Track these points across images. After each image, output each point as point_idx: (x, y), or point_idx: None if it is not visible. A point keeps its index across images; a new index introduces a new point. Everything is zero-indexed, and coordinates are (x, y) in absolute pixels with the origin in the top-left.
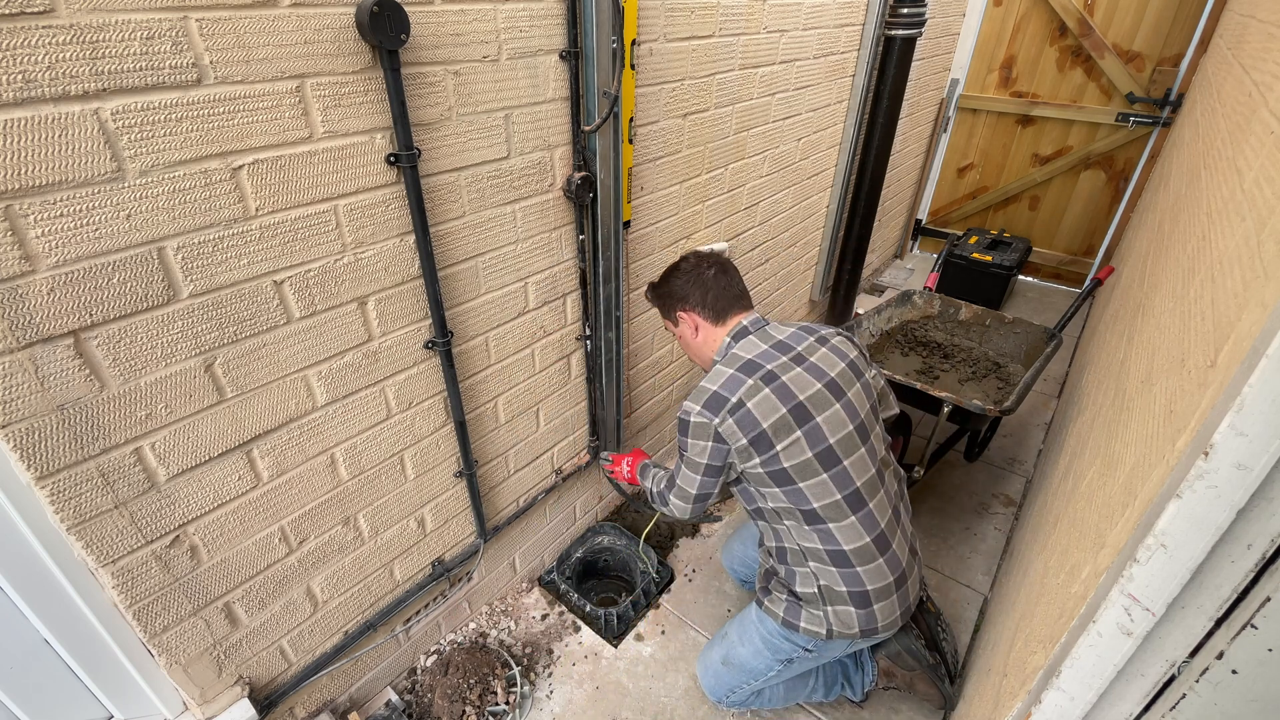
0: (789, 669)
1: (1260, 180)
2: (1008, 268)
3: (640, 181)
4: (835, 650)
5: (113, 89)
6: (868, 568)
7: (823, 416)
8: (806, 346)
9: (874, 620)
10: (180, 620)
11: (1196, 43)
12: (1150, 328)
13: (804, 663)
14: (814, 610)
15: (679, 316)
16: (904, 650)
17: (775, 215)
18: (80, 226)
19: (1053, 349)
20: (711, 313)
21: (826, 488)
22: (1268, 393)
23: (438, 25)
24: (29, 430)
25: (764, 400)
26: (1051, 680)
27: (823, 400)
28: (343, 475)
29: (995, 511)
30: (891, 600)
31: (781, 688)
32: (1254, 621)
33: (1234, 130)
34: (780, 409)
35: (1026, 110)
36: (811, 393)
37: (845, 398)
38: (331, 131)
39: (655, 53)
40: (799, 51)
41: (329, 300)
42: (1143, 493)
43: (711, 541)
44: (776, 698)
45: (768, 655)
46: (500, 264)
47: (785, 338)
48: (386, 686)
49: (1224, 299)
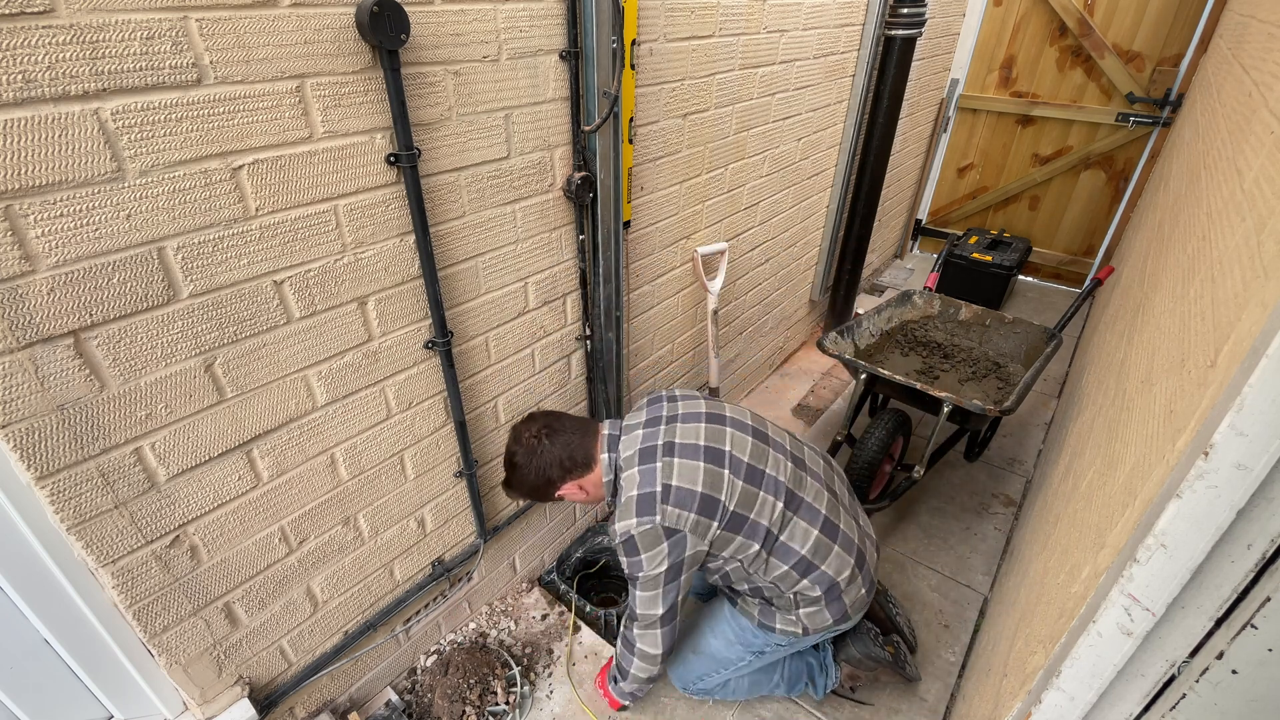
0: (760, 659)
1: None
2: (1008, 268)
3: (640, 181)
4: (810, 640)
5: (113, 89)
6: (829, 559)
7: (728, 445)
8: (667, 409)
9: (844, 609)
10: (180, 620)
11: (1196, 43)
12: (1150, 328)
13: (776, 653)
14: (788, 614)
15: (560, 495)
16: (864, 656)
17: (775, 215)
18: (80, 226)
19: (1053, 349)
20: (579, 465)
21: (768, 503)
22: (1268, 393)
23: (438, 25)
24: (29, 430)
25: (681, 468)
26: (1051, 680)
27: (716, 433)
28: (343, 475)
29: (995, 511)
30: (857, 582)
31: (746, 680)
32: (1254, 621)
33: (1234, 130)
34: (698, 464)
35: (1026, 110)
36: (706, 432)
37: (728, 418)
38: (331, 131)
39: (655, 53)
40: (799, 51)
41: (329, 300)
42: (1143, 493)
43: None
44: (741, 689)
45: (740, 648)
46: (500, 264)
47: (647, 418)
48: (386, 686)
49: (1224, 299)
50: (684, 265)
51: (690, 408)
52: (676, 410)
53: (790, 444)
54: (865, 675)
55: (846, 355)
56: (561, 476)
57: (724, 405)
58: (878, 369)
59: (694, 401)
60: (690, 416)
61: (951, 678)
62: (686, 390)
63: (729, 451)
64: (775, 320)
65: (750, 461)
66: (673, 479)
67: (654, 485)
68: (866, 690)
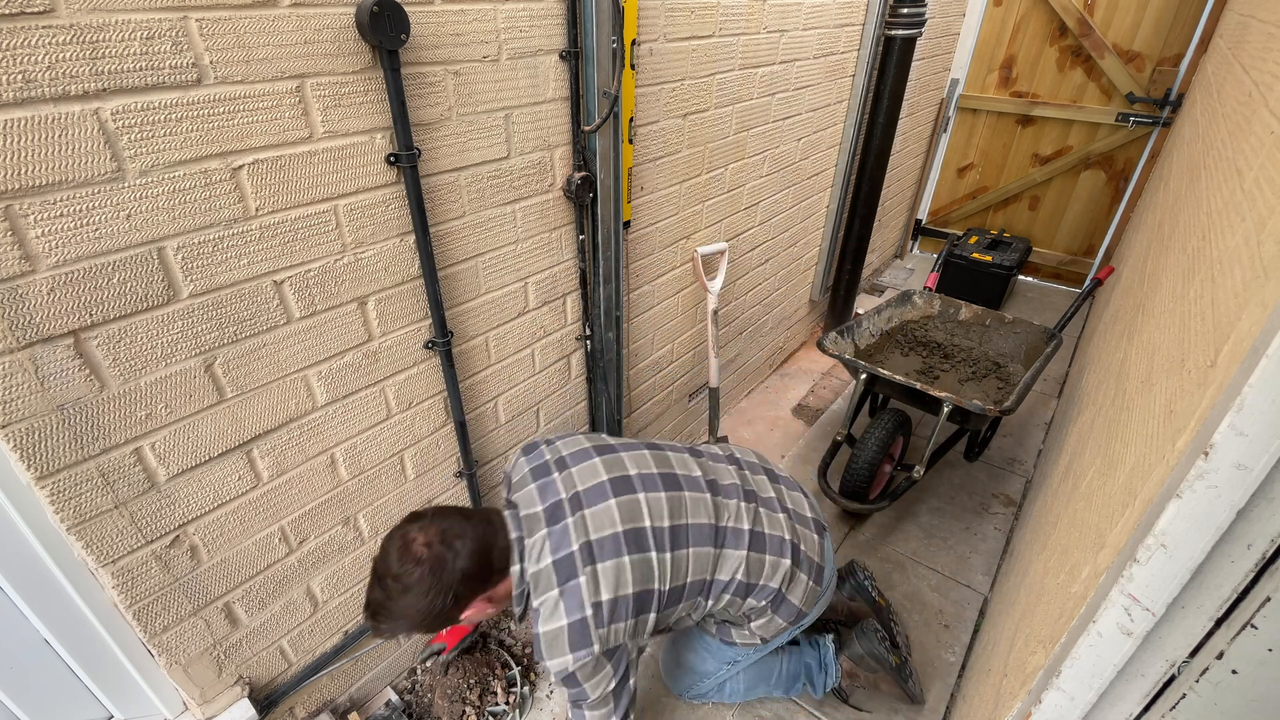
0: (736, 667)
1: (1260, 180)
2: (1008, 268)
3: (640, 181)
4: (773, 645)
5: (113, 89)
6: (763, 572)
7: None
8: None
9: (795, 609)
10: (180, 620)
11: (1196, 43)
12: (1150, 327)
13: (750, 656)
14: (742, 630)
15: (465, 617)
16: (867, 654)
17: (775, 215)
18: (80, 226)
19: (1053, 349)
20: (496, 572)
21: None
22: (1268, 393)
23: (438, 25)
24: (29, 430)
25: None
26: (1051, 680)
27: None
28: (343, 475)
29: (995, 511)
30: (799, 578)
31: (742, 681)
32: (1254, 621)
33: (1234, 130)
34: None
35: (1026, 110)
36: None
37: (633, 478)
38: (331, 131)
39: (655, 52)
40: (799, 51)
41: (329, 300)
42: (1143, 493)
43: None
44: (737, 691)
45: (712, 660)
46: (500, 264)
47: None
48: (386, 686)
49: (1224, 299)
50: (684, 265)
51: (586, 478)
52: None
53: (696, 464)
54: (865, 676)
55: (846, 355)
56: (472, 593)
57: (620, 456)
58: (878, 369)
59: (588, 465)
60: (572, 478)
61: (951, 678)
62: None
63: (649, 527)
64: (775, 320)
65: (671, 524)
66: (601, 593)
67: (581, 610)
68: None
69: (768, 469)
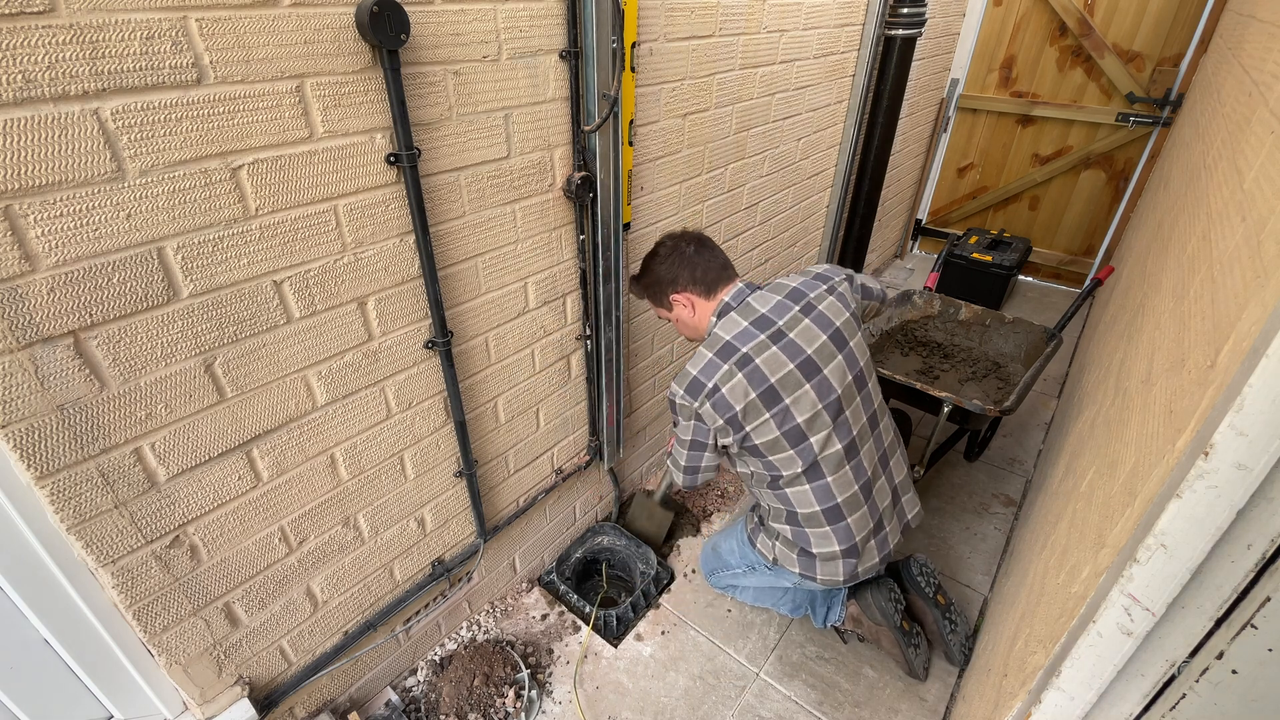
0: (751, 574)
1: (1260, 180)
2: (1008, 268)
3: (640, 181)
4: (787, 581)
5: (113, 89)
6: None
7: (795, 396)
8: (789, 319)
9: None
10: (180, 620)
11: (1196, 43)
12: (1150, 327)
13: (763, 575)
14: (768, 540)
15: (672, 301)
16: (874, 605)
17: (775, 215)
18: (80, 226)
19: (1053, 349)
20: (702, 287)
21: (793, 460)
22: (1268, 393)
23: (438, 25)
24: (29, 430)
25: (736, 386)
26: (1051, 680)
27: (794, 381)
28: (343, 475)
29: (995, 511)
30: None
31: (751, 592)
32: (1254, 621)
33: (1234, 130)
34: (750, 394)
35: (1026, 110)
36: (783, 374)
37: (825, 371)
38: (331, 131)
39: (655, 52)
40: (799, 51)
41: (329, 300)
42: (1143, 493)
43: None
44: (747, 596)
45: (737, 554)
46: (500, 264)
47: (769, 309)
48: (386, 686)
49: (1224, 299)
50: None
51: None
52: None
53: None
54: (869, 627)
55: None
56: (685, 285)
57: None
58: (878, 369)
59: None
60: (790, 349)
61: (951, 678)
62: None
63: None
64: None
65: (801, 423)
66: (724, 387)
67: (709, 381)
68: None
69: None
